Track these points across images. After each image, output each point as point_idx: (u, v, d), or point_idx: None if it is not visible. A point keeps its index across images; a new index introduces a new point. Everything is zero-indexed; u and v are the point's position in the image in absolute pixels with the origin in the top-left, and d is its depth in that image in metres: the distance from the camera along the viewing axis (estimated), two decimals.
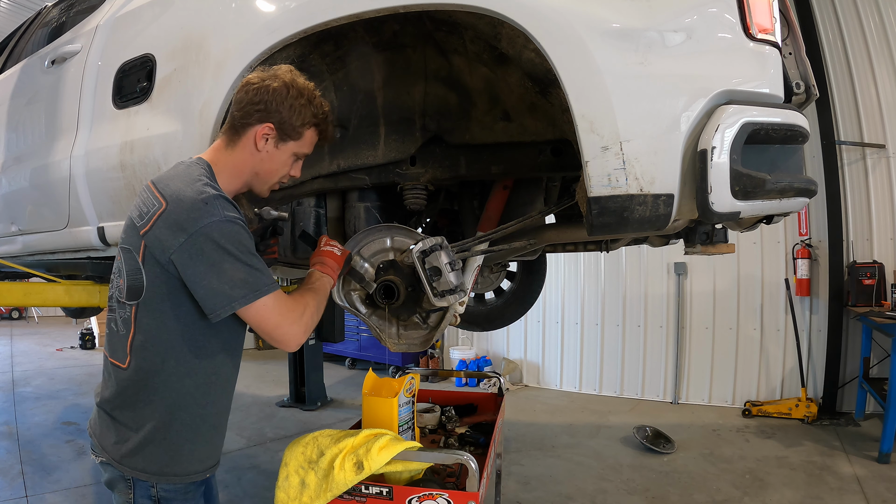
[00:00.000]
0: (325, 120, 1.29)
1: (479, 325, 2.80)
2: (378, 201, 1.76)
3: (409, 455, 1.40)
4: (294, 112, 1.22)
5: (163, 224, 1.09)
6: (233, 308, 1.11)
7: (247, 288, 1.10)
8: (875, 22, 4.61)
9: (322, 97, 1.28)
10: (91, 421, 1.26)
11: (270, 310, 1.13)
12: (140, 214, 1.14)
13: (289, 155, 1.27)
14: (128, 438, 1.16)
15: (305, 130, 1.26)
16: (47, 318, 12.93)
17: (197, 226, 1.07)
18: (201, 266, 1.08)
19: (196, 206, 1.08)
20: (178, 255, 1.08)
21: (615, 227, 1.13)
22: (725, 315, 5.11)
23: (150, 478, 1.17)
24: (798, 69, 1.34)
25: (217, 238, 1.07)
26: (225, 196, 1.14)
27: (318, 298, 1.28)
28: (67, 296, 2.85)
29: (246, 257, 1.11)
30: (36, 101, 2.29)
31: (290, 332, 1.17)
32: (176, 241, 1.08)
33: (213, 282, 1.08)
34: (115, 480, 1.19)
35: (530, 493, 3.27)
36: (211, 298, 1.10)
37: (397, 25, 1.44)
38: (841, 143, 4.68)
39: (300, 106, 1.22)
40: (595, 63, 1.09)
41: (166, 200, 1.11)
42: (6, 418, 4.77)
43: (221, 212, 1.09)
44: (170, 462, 1.18)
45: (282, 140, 1.24)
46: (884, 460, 3.55)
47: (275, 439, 4.32)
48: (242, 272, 1.10)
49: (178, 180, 1.14)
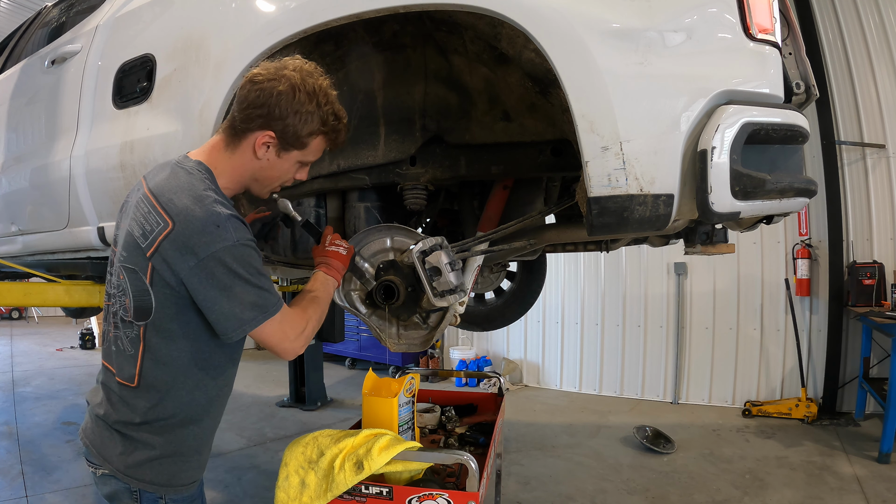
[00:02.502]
0: (336, 128, 1.20)
1: (479, 325, 2.80)
2: (378, 201, 1.76)
3: (409, 455, 1.40)
4: (299, 120, 1.13)
5: (171, 246, 1.05)
6: (244, 331, 1.10)
7: (257, 310, 1.09)
8: (875, 22, 4.61)
9: (336, 98, 1.19)
10: (86, 429, 1.21)
11: (276, 326, 1.13)
12: (143, 233, 1.09)
13: (292, 163, 1.21)
14: (135, 450, 1.13)
15: (311, 140, 1.18)
16: (47, 318, 12.92)
17: (209, 250, 1.04)
18: (212, 290, 1.06)
19: (207, 229, 1.04)
20: (189, 278, 1.06)
21: (615, 227, 1.13)
22: (725, 315, 5.10)
23: (159, 489, 1.14)
24: (798, 69, 1.34)
25: (229, 263, 1.05)
26: (237, 216, 1.10)
27: (321, 309, 1.26)
28: (67, 296, 2.85)
29: (256, 279, 1.09)
30: (36, 101, 2.29)
31: (292, 346, 1.17)
32: (186, 264, 1.05)
33: (224, 306, 1.07)
34: (119, 493, 1.15)
35: (530, 493, 3.27)
36: (223, 322, 1.09)
37: (397, 25, 1.44)
38: (841, 143, 4.67)
39: (306, 114, 1.13)
40: (595, 63, 1.09)
41: (173, 220, 1.06)
42: (6, 418, 4.77)
43: (234, 235, 1.06)
44: (178, 473, 1.17)
45: (284, 149, 1.17)
46: (884, 460, 3.55)
47: (275, 439, 4.32)
48: (253, 295, 1.08)
49: (185, 195, 1.08)
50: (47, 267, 2.84)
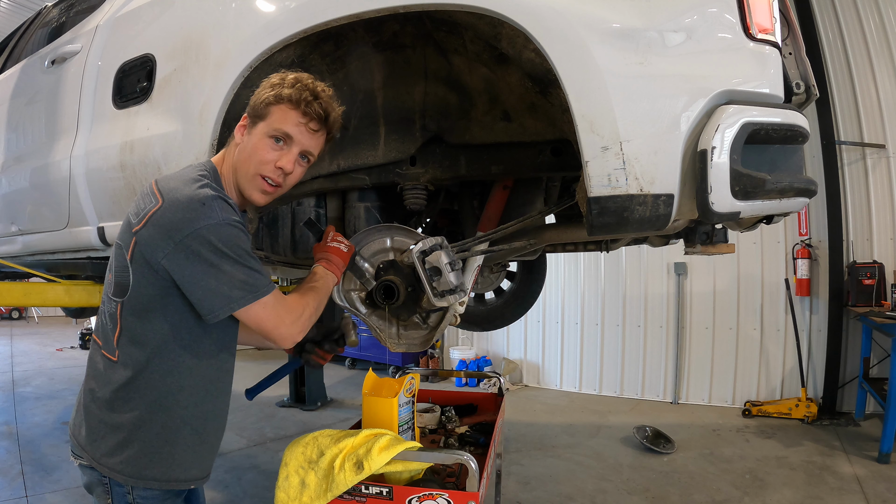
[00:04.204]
0: (298, 95, 1.16)
1: (479, 325, 2.80)
2: (378, 201, 1.76)
3: (409, 455, 1.40)
4: (262, 92, 1.18)
5: (155, 223, 1.06)
6: (232, 309, 1.09)
7: (246, 289, 1.08)
8: (875, 22, 4.61)
9: (310, 80, 1.19)
10: (72, 422, 1.23)
11: (270, 310, 1.12)
12: (137, 211, 1.11)
13: (260, 137, 1.18)
14: (104, 435, 1.13)
15: (272, 108, 1.17)
16: (47, 318, 12.93)
17: (192, 227, 1.04)
18: (198, 267, 1.05)
19: (192, 206, 1.05)
20: (172, 257, 1.05)
21: (615, 227, 1.13)
22: (725, 315, 5.11)
23: (127, 480, 1.13)
24: (798, 69, 1.34)
25: (214, 241, 1.05)
26: (224, 197, 1.11)
27: (319, 298, 1.26)
28: (67, 296, 2.85)
29: (244, 259, 1.08)
30: (36, 101, 2.29)
31: (288, 332, 1.16)
32: (169, 243, 1.05)
33: (210, 283, 1.06)
34: (94, 484, 1.16)
35: (530, 493, 3.27)
36: (209, 299, 1.08)
37: (397, 25, 1.44)
38: (841, 143, 4.68)
39: (269, 86, 1.18)
40: (595, 63, 1.09)
41: (163, 198, 1.08)
42: (6, 418, 4.77)
43: (219, 214, 1.06)
44: (148, 464, 1.14)
45: (252, 125, 1.19)
46: (884, 460, 3.55)
47: (275, 439, 4.32)
48: (242, 273, 1.08)
49: (177, 179, 1.12)
50: (47, 267, 2.84)
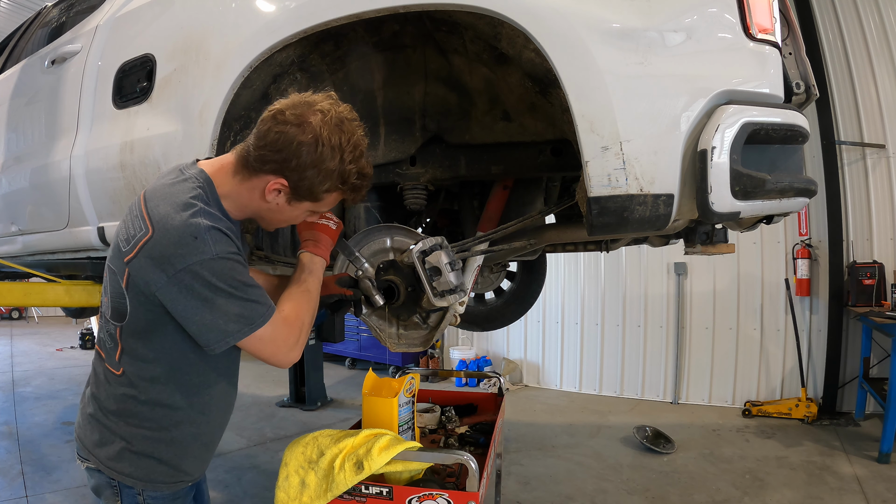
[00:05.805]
0: (356, 187, 1.12)
1: (479, 325, 2.80)
2: (378, 201, 1.76)
3: (409, 455, 1.40)
4: (317, 175, 1.06)
5: (147, 255, 1.00)
6: (228, 343, 1.05)
7: (242, 321, 1.03)
8: (875, 22, 4.61)
9: (364, 153, 1.11)
10: (77, 424, 1.21)
11: (267, 340, 1.07)
12: (127, 237, 1.04)
13: (302, 212, 1.16)
14: (112, 442, 1.12)
15: (327, 196, 1.12)
16: (47, 318, 12.92)
17: (185, 263, 0.98)
18: (192, 302, 1.00)
19: (184, 241, 0.98)
20: (166, 290, 1.00)
21: (615, 227, 1.13)
22: (725, 315, 5.10)
23: (137, 483, 1.12)
24: (798, 69, 1.34)
25: (207, 277, 0.99)
26: (218, 226, 1.02)
27: (312, 304, 1.19)
28: (67, 296, 2.85)
29: (241, 291, 1.02)
30: (36, 101, 2.29)
31: (286, 357, 1.12)
32: (161, 276, 0.99)
33: (205, 317, 1.01)
34: (102, 487, 1.15)
35: (530, 493, 3.27)
36: (205, 334, 1.03)
37: (397, 25, 1.44)
38: (841, 143, 4.67)
39: (326, 171, 1.06)
40: (595, 63, 1.09)
41: (153, 226, 1.00)
42: (6, 418, 4.77)
43: (212, 248, 0.99)
44: (157, 468, 1.14)
45: (296, 199, 1.11)
46: (884, 460, 3.55)
47: (275, 439, 4.31)
48: (237, 306, 1.02)
49: (168, 202, 1.02)
50: (47, 267, 2.84)
